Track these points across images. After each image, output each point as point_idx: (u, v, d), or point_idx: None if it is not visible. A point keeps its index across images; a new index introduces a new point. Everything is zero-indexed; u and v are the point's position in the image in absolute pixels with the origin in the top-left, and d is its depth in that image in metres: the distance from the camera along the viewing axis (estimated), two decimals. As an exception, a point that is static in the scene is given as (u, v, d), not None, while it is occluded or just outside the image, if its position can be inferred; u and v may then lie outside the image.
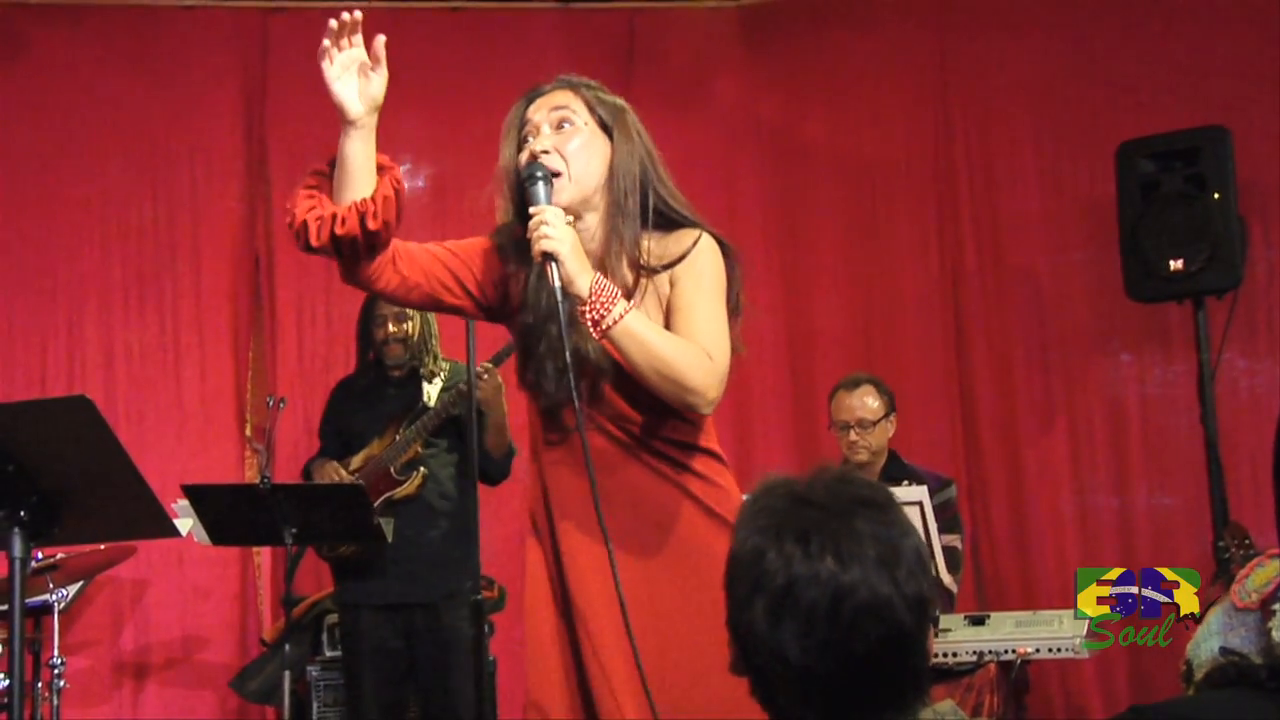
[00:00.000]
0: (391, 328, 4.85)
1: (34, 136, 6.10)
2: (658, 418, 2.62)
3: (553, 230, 2.49)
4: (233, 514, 4.56)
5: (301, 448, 5.13)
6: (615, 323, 2.50)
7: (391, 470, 4.78)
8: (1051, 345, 5.97)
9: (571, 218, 2.58)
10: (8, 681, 4.56)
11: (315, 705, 5.23)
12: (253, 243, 6.21)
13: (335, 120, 2.54)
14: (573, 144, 2.63)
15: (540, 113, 2.65)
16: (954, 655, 4.27)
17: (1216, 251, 5.21)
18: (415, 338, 4.87)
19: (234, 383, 6.10)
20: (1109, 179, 5.51)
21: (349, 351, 5.42)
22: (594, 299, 2.49)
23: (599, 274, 2.53)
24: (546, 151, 2.60)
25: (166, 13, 6.25)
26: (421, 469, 4.78)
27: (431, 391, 4.86)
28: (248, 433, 6.07)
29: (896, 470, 4.87)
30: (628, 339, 2.51)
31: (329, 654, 5.28)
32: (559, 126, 2.64)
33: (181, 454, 5.91)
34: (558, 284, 2.48)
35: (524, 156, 2.62)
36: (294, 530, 4.43)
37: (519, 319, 2.68)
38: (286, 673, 4.67)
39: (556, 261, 2.48)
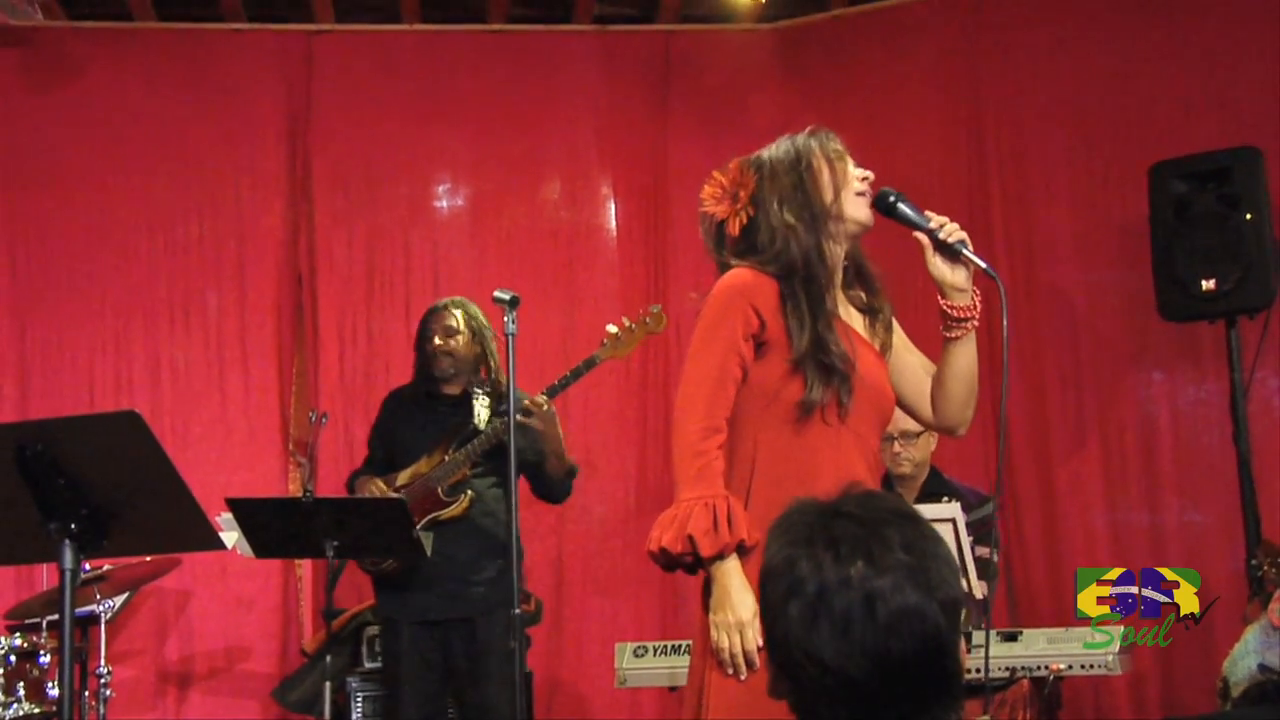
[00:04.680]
0: (438, 341, 4.91)
1: (83, 156, 6.21)
2: (874, 427, 2.96)
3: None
4: (275, 527, 4.58)
5: (343, 462, 5.20)
6: (974, 326, 2.90)
7: (439, 491, 4.78)
8: (1084, 363, 5.96)
9: None
10: (59, 691, 4.67)
11: (355, 716, 5.29)
12: (296, 260, 6.29)
13: (377, 141, 2.61)
14: None
15: (846, 156, 3.08)
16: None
17: (1249, 271, 5.22)
18: (465, 354, 4.91)
19: (277, 398, 6.18)
20: (1142, 199, 5.51)
21: (390, 367, 5.51)
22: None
23: None
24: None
25: (212, 35, 6.37)
26: (469, 492, 4.79)
27: (482, 413, 4.89)
28: (291, 447, 6.17)
29: (937, 485, 4.87)
30: (972, 343, 2.91)
31: (368, 665, 5.35)
32: None
33: (226, 467, 6.00)
34: (982, 263, 2.85)
35: (856, 172, 3.07)
36: (335, 543, 4.46)
37: (803, 335, 2.85)
38: (328, 683, 4.73)
39: (968, 248, 2.86)
